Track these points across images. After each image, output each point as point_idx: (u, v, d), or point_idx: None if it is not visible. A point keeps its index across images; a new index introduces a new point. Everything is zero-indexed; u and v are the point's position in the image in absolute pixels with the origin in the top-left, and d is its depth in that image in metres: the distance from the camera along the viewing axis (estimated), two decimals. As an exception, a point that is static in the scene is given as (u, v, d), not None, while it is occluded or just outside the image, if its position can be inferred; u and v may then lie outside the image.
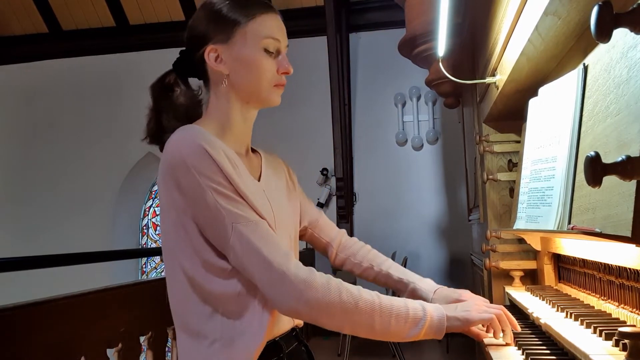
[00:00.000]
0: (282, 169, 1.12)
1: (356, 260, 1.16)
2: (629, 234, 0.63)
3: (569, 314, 0.91)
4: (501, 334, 0.90)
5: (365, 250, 1.18)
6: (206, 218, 0.85)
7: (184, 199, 0.86)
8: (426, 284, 1.10)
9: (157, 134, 0.99)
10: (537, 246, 1.38)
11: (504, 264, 1.56)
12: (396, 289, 1.13)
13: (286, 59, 0.98)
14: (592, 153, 0.56)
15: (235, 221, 0.84)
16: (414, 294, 1.09)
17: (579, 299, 1.08)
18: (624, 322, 0.82)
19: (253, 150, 1.08)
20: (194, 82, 1.04)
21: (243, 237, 0.84)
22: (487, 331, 0.91)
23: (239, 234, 0.84)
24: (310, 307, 0.82)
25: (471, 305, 0.90)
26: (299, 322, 1.03)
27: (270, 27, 0.96)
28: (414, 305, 0.87)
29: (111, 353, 1.36)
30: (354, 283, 0.91)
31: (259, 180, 1.01)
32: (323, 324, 0.85)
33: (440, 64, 1.84)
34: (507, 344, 0.89)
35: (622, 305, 0.87)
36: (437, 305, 0.90)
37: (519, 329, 0.92)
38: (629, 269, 0.83)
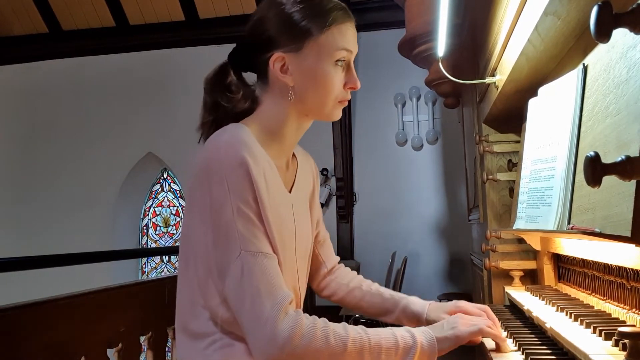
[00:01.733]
0: (310, 175, 1.10)
1: (343, 282, 1.15)
2: (628, 234, 0.63)
3: (568, 313, 0.91)
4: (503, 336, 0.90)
5: (353, 274, 1.19)
6: (218, 233, 0.82)
7: (209, 203, 0.83)
8: (418, 300, 1.09)
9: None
10: (536, 246, 1.38)
11: (504, 264, 1.56)
12: (385, 308, 1.11)
13: (354, 73, 0.94)
14: (592, 153, 0.56)
15: (246, 248, 0.80)
16: (406, 310, 1.07)
17: (578, 299, 1.08)
18: (624, 322, 0.82)
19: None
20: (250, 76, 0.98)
21: (247, 266, 0.80)
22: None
23: (245, 261, 0.80)
24: (295, 356, 0.78)
25: (457, 321, 0.89)
26: None
27: (345, 38, 0.91)
28: (402, 334, 0.85)
29: (111, 353, 1.36)
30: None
31: (290, 192, 0.98)
32: None
33: (440, 64, 1.84)
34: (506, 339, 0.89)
35: (621, 305, 0.87)
36: (424, 328, 0.88)
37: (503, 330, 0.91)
38: (629, 269, 0.83)
